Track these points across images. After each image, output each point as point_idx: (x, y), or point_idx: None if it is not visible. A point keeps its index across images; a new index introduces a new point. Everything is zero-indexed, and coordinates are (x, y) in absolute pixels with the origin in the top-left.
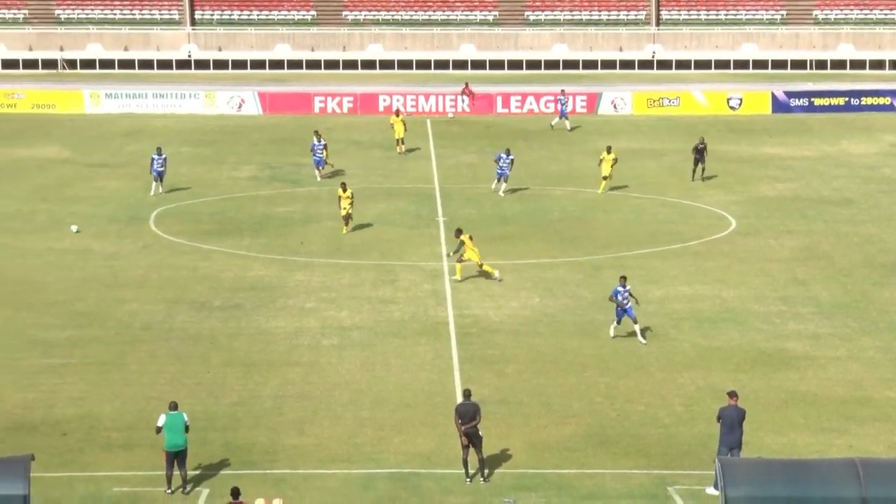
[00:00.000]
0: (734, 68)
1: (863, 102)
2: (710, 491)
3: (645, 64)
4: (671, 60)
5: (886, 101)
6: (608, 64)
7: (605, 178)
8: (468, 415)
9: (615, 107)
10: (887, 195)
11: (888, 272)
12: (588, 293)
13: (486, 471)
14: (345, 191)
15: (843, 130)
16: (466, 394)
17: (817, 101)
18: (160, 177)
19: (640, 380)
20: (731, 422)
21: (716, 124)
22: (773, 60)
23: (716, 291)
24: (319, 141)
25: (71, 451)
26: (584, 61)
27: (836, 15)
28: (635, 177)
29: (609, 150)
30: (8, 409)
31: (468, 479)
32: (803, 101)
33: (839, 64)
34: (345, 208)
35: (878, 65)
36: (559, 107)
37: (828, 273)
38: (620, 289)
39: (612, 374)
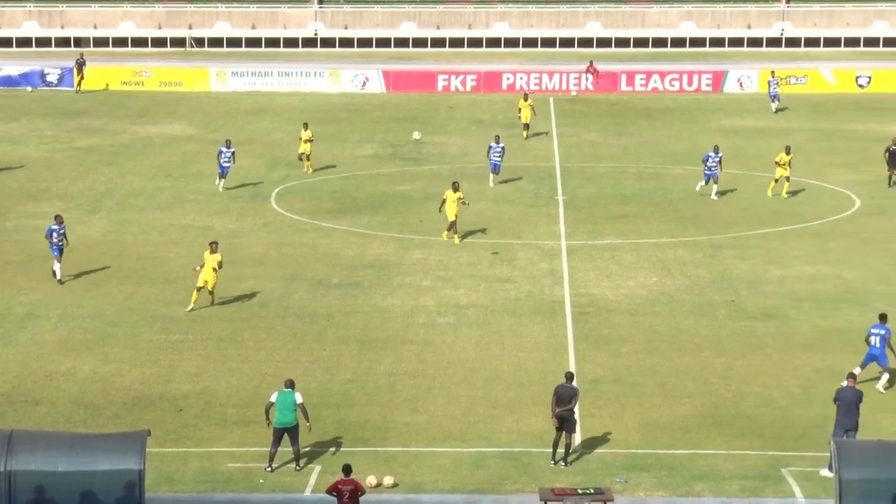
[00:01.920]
0: (864, 46)
1: None
2: (825, 473)
3: (773, 42)
4: (800, 38)
5: None
6: (736, 42)
7: (786, 178)
8: (565, 398)
9: (741, 85)
10: None
11: None
12: (706, 273)
13: (571, 456)
14: (456, 191)
15: None
16: (568, 376)
17: None
18: (225, 172)
19: (757, 361)
20: (848, 403)
21: (844, 103)
22: None
23: (837, 272)
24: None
25: (187, 427)
26: (711, 39)
27: None
28: (760, 156)
29: (788, 151)
30: (126, 385)
31: (553, 462)
32: None
33: None
34: (455, 213)
35: None
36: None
37: None
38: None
39: (728, 354)
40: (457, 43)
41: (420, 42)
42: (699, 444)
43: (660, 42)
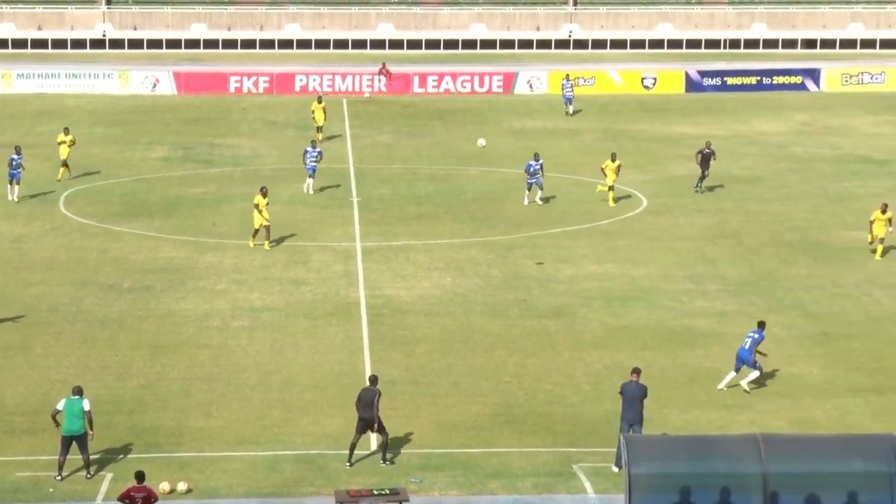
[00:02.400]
0: (649, 48)
1: (774, 81)
2: (615, 468)
3: (562, 43)
4: (587, 40)
5: (798, 80)
6: (525, 44)
7: (609, 188)
8: (364, 401)
9: (531, 86)
10: (796, 174)
11: (794, 251)
12: (499, 273)
13: (388, 454)
14: (265, 196)
15: (755, 109)
16: (372, 379)
17: (730, 81)
18: (15, 179)
19: (548, 359)
20: (632, 398)
21: (630, 104)
22: (687, 40)
23: (625, 270)
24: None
25: None
26: (501, 41)
27: None
28: (550, 156)
29: (613, 158)
30: None
31: (349, 463)
32: (716, 81)
33: (752, 43)
34: (265, 219)
35: (790, 44)
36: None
37: (736, 251)
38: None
39: (521, 353)
40: (248, 44)
41: (211, 43)
42: (493, 442)
43: (451, 44)
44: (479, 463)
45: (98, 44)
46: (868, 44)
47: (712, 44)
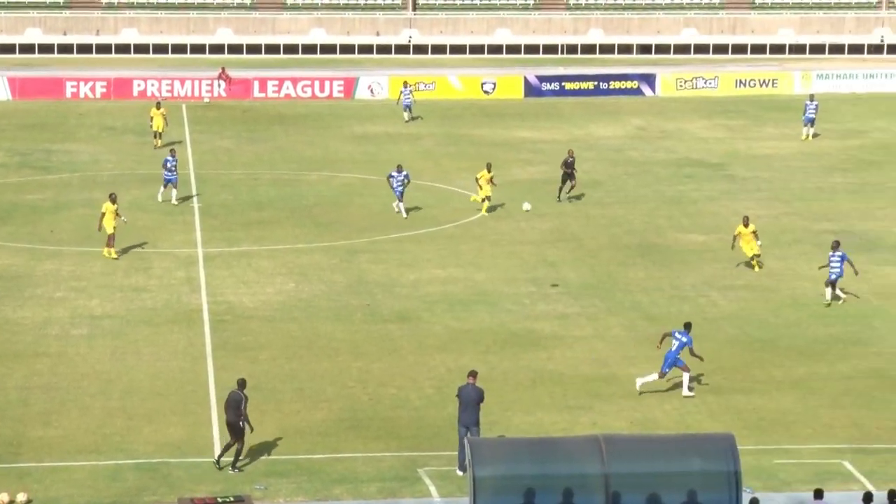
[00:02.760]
0: (488, 53)
1: (611, 86)
2: (460, 472)
3: (402, 49)
4: (427, 45)
5: (634, 84)
6: (365, 49)
7: (485, 199)
8: (230, 404)
9: (372, 91)
10: (633, 178)
11: (633, 253)
12: (342, 278)
13: (239, 461)
14: (114, 202)
15: (592, 114)
16: (239, 383)
17: (568, 86)
18: None
19: (393, 363)
20: (468, 400)
21: (470, 108)
22: (525, 45)
23: (468, 274)
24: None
25: None
26: (341, 46)
27: (587, 0)
28: (391, 161)
29: (489, 168)
30: None
31: (216, 463)
32: (554, 86)
33: (589, 48)
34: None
35: (626, 49)
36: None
37: (576, 254)
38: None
39: (365, 357)
40: (85, 49)
41: (46, 48)
42: (338, 447)
43: (291, 49)
44: (324, 469)
45: None
46: (701, 49)
47: (550, 49)
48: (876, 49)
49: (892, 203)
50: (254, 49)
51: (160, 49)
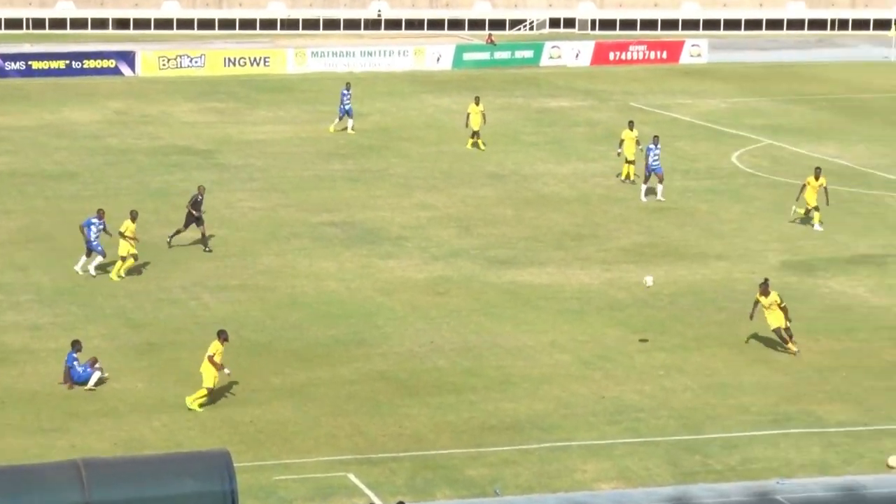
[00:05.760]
0: None
1: (85, 65)
2: None
3: None
4: None
5: (111, 63)
6: None
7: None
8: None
9: None
10: (113, 167)
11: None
12: None
13: None
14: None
15: (65, 96)
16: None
17: (35, 65)
18: None
19: None
20: None
21: None
22: None
23: None
24: None
25: None
26: None
27: None
28: None
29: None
30: None
31: None
32: (20, 65)
33: (59, 23)
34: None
35: (101, 24)
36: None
37: (49, 256)
38: None
39: None
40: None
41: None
42: None
43: None
44: None
45: None
46: (185, 24)
47: (14, 24)
48: (374, 24)
49: (393, 192)
50: None
51: None
